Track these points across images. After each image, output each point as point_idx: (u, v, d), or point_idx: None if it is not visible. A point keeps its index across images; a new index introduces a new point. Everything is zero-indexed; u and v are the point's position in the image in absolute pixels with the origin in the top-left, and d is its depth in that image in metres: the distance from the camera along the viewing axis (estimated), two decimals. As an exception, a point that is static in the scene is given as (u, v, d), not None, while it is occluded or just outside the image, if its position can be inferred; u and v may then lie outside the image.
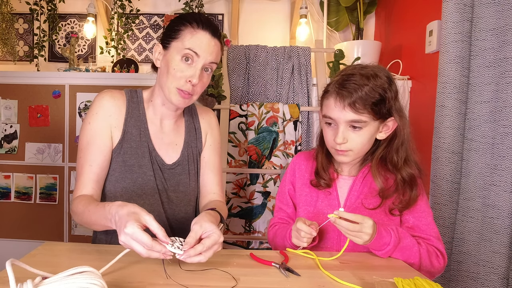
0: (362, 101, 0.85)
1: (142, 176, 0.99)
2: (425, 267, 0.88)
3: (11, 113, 1.99)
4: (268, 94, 1.91)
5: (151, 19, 2.45)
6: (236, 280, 0.71)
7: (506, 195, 1.20)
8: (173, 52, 0.93)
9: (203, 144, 1.10)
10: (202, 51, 0.92)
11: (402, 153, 0.92)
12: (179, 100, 0.94)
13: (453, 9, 1.32)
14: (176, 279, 0.70)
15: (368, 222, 0.80)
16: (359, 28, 2.18)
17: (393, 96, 0.88)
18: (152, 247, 0.64)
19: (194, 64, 0.92)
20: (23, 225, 2.01)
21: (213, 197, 1.08)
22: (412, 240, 0.88)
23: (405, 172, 0.91)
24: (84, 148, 0.96)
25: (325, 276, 0.75)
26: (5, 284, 0.65)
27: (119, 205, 0.71)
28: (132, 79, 1.96)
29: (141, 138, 1.00)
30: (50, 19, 2.24)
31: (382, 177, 0.94)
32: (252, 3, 2.45)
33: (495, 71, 1.25)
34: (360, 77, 0.86)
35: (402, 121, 0.91)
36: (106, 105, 0.97)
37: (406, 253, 0.86)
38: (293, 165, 1.09)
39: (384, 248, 0.85)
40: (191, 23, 0.93)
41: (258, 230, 1.79)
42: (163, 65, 0.96)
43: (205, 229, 0.73)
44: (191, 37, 0.92)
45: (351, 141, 0.89)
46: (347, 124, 0.88)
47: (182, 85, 0.92)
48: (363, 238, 0.81)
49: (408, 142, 0.93)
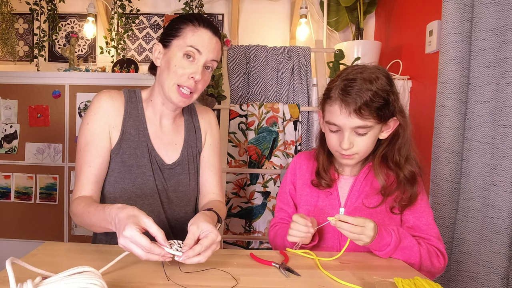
0: (367, 107, 0.84)
1: (141, 176, 0.98)
2: (426, 267, 0.88)
3: (11, 113, 1.99)
4: (268, 94, 1.91)
5: (151, 19, 2.45)
6: (236, 280, 0.71)
7: (506, 195, 1.20)
8: (174, 50, 0.93)
9: (203, 144, 1.10)
10: (204, 48, 0.92)
11: (404, 152, 0.93)
12: (178, 99, 0.94)
13: (453, 9, 1.32)
14: (176, 280, 0.70)
15: (369, 225, 0.80)
16: (359, 28, 2.18)
17: (395, 98, 0.89)
18: (151, 250, 0.65)
19: (196, 61, 0.93)
20: (23, 225, 2.01)
21: (212, 197, 1.07)
22: (412, 240, 0.88)
23: (406, 170, 0.92)
24: (83, 149, 0.96)
25: (325, 276, 0.75)
26: (5, 284, 0.65)
27: (118, 208, 0.72)
28: (132, 79, 1.96)
29: (140, 138, 1.00)
30: (50, 19, 2.24)
31: (384, 175, 0.94)
32: (252, 3, 2.45)
33: (495, 71, 1.25)
34: (363, 81, 0.86)
35: (405, 120, 0.91)
36: (104, 106, 0.97)
37: (407, 253, 0.87)
38: (293, 165, 1.09)
39: (384, 249, 0.85)
40: (192, 21, 0.93)
41: (258, 230, 1.79)
42: (164, 63, 0.96)
43: (203, 229, 0.73)
44: (192, 35, 0.92)
45: (357, 146, 0.89)
46: (352, 129, 0.88)
47: (184, 81, 0.92)
48: (365, 240, 0.81)
49: (410, 141, 0.93)
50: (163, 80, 0.95)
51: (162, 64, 0.97)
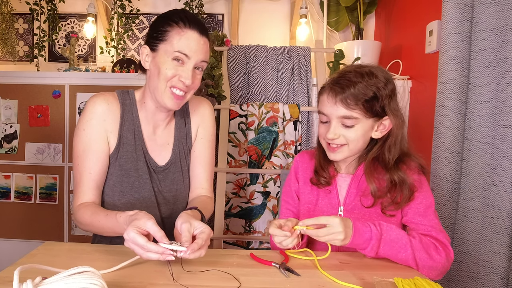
0: (354, 97, 0.86)
1: (139, 179, 0.99)
2: (423, 260, 0.84)
3: (11, 113, 1.99)
4: (268, 94, 1.91)
5: (151, 19, 2.45)
6: (239, 281, 0.71)
7: (506, 195, 1.20)
8: (162, 55, 0.91)
9: (193, 139, 1.08)
10: (192, 52, 0.90)
11: (394, 152, 0.91)
12: (172, 103, 0.93)
13: (453, 9, 1.32)
14: (177, 280, 0.70)
15: (334, 220, 0.79)
16: (359, 28, 2.18)
17: (387, 95, 0.88)
18: (147, 247, 0.68)
19: (185, 65, 0.91)
20: (23, 225, 2.01)
21: (201, 192, 1.07)
22: (400, 232, 0.85)
23: (396, 175, 0.90)
24: (81, 155, 0.95)
25: (325, 276, 0.75)
26: (5, 284, 0.65)
27: (129, 215, 0.77)
28: (132, 79, 1.96)
29: (136, 142, 0.99)
30: (50, 19, 2.24)
31: (375, 178, 0.92)
32: (252, 3, 2.45)
33: (495, 71, 1.25)
34: (355, 74, 0.88)
35: (397, 120, 0.90)
36: (99, 111, 0.95)
37: (395, 246, 0.83)
38: (296, 164, 1.09)
39: (368, 244, 0.82)
40: (177, 22, 0.90)
41: (258, 230, 1.78)
42: (153, 68, 0.93)
43: (195, 227, 0.76)
44: (179, 39, 0.89)
45: (344, 138, 0.90)
46: (339, 120, 0.89)
47: (176, 83, 0.91)
48: (339, 237, 0.78)
49: (402, 142, 0.92)
50: (154, 85, 0.93)
51: (152, 68, 0.94)
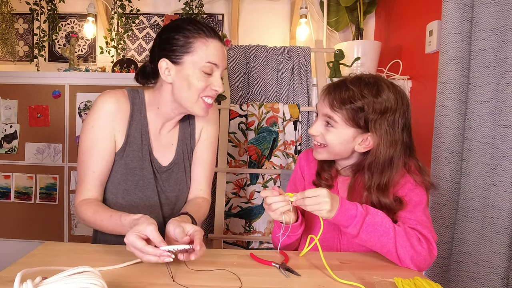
0: (340, 101, 0.88)
1: (143, 178, 1.00)
2: (404, 248, 0.82)
3: (11, 113, 1.99)
4: (268, 94, 1.91)
5: (151, 19, 2.45)
6: (241, 281, 0.71)
7: (506, 195, 1.20)
8: (189, 67, 0.91)
9: (197, 140, 1.09)
10: (220, 60, 0.93)
11: (377, 177, 0.89)
12: (204, 111, 0.96)
13: (453, 9, 1.31)
14: (178, 280, 0.70)
15: (322, 191, 0.81)
16: (359, 28, 2.18)
17: (378, 111, 0.86)
18: (145, 250, 0.69)
19: (213, 74, 0.93)
20: (23, 225, 2.01)
21: (199, 193, 1.09)
22: (385, 218, 0.85)
23: (375, 199, 0.88)
24: (87, 152, 0.95)
25: (325, 276, 0.75)
26: (5, 284, 0.65)
27: (133, 219, 0.79)
28: (132, 79, 1.95)
29: (143, 142, 1.00)
30: (50, 19, 2.24)
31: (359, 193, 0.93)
32: (252, 3, 2.45)
33: (495, 71, 1.25)
34: (355, 80, 0.90)
35: (380, 140, 0.87)
36: (108, 109, 0.95)
37: (378, 229, 0.83)
38: (301, 162, 1.09)
39: (352, 221, 0.82)
40: (199, 33, 0.91)
41: (258, 230, 1.78)
42: (179, 80, 0.92)
43: (187, 230, 0.78)
44: (206, 49, 0.90)
45: (323, 137, 0.93)
46: (323, 118, 0.93)
47: (208, 91, 0.94)
48: (325, 207, 0.79)
49: (390, 168, 0.88)
50: (182, 97, 0.93)
51: (177, 81, 0.92)
